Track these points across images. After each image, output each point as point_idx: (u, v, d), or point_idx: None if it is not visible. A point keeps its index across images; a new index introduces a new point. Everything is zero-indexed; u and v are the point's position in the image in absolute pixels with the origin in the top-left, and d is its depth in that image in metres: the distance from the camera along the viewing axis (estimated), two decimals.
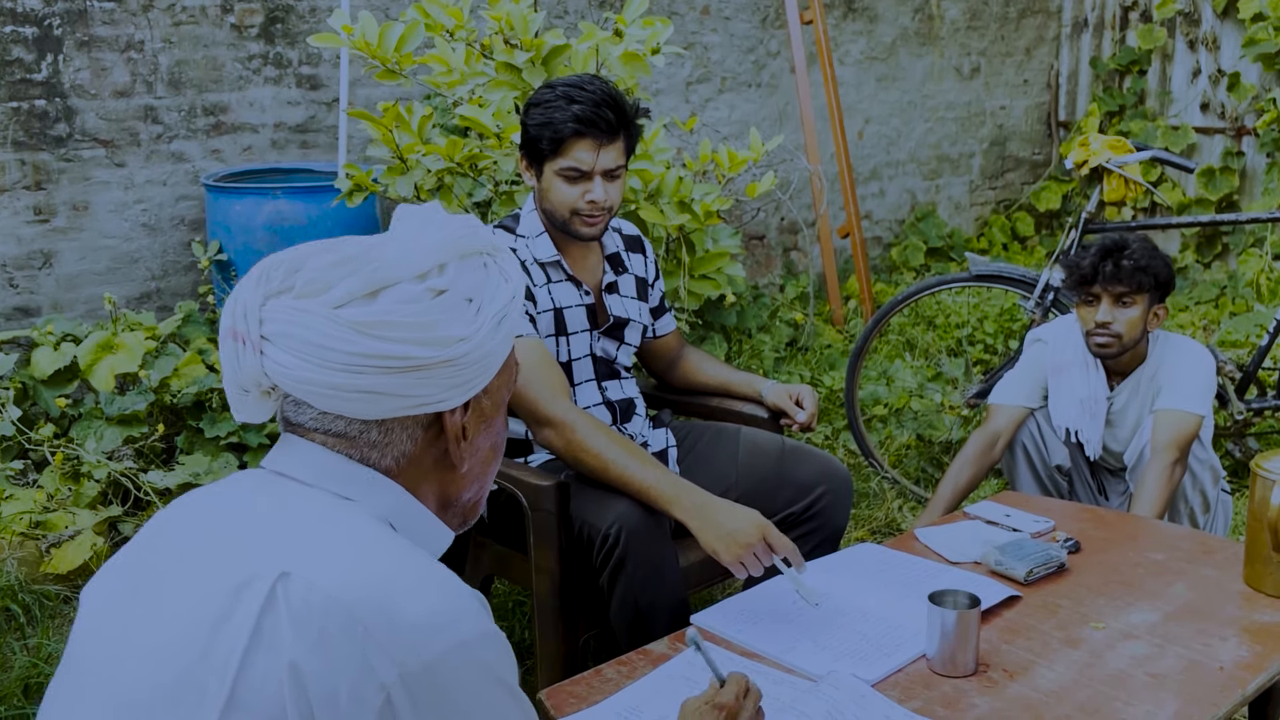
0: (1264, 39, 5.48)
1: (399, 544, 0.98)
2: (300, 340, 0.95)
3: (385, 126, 2.91)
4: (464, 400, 1.02)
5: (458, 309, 0.99)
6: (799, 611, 1.80)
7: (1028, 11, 6.41)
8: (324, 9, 4.27)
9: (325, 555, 0.94)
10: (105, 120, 3.96)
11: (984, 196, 6.53)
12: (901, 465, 3.69)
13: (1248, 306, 5.20)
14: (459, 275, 1.01)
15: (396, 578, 0.93)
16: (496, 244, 1.06)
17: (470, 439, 1.06)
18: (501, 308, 1.03)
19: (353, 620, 0.89)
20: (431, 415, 1.02)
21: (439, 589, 0.95)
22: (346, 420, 1.00)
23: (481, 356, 1.01)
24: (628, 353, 2.32)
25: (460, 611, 0.94)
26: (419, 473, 1.04)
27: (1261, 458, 1.87)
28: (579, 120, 2.05)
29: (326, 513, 0.98)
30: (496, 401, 1.09)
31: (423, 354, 0.97)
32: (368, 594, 0.91)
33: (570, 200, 2.10)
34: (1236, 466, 3.50)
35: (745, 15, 5.39)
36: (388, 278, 0.97)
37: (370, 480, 1.01)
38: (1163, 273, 2.54)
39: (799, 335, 4.85)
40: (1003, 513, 2.20)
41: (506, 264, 1.07)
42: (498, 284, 1.04)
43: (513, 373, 1.12)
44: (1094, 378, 2.63)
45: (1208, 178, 5.78)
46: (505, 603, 2.73)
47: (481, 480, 1.11)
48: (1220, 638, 1.73)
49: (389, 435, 1.01)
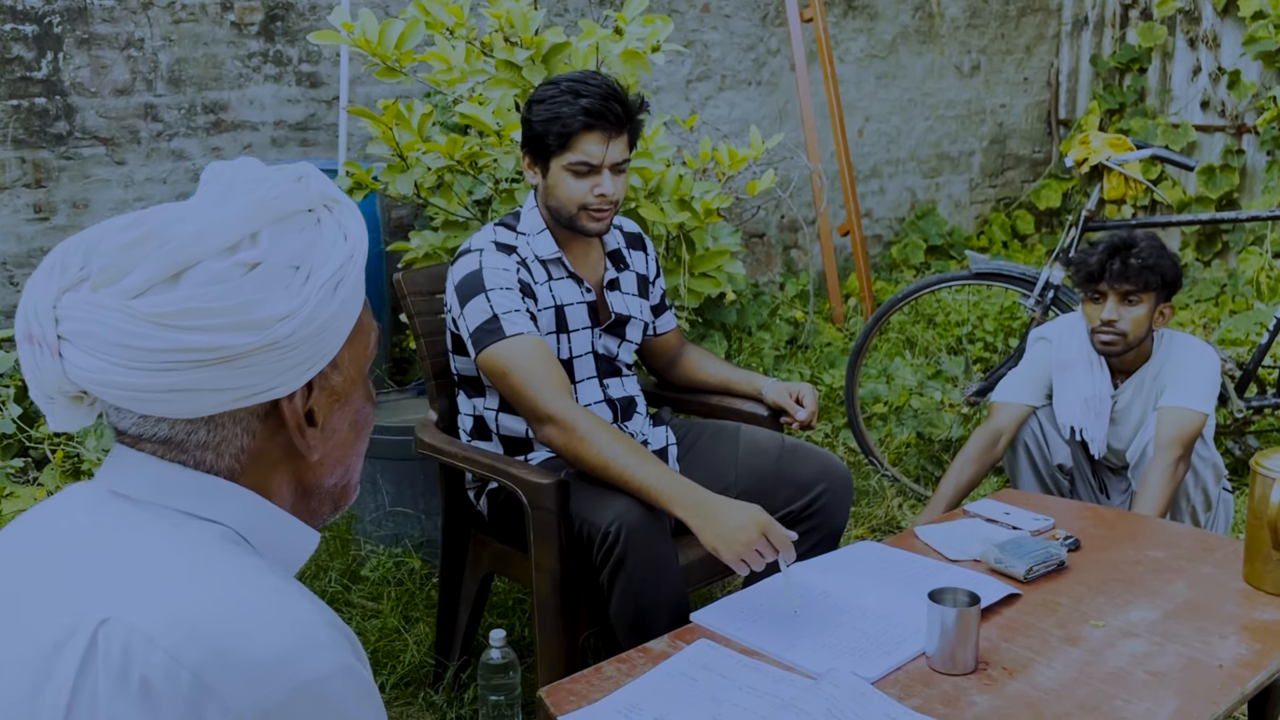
0: (1264, 37, 5.47)
1: (241, 567, 0.85)
2: (98, 340, 0.83)
3: (385, 124, 2.91)
4: (302, 383, 0.90)
5: (278, 281, 0.86)
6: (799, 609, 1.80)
7: (1028, 9, 6.41)
8: (324, 7, 4.27)
9: (151, 591, 0.82)
10: (105, 118, 3.96)
11: (984, 194, 6.52)
12: (901, 463, 3.69)
13: (1248, 304, 5.20)
14: (276, 242, 0.86)
15: (232, 611, 0.81)
16: (332, 194, 0.93)
17: (322, 423, 0.93)
18: (336, 270, 0.89)
19: (177, 666, 0.78)
20: (268, 404, 0.89)
21: (283, 619, 0.82)
22: (170, 423, 0.87)
23: (316, 331, 0.88)
24: (629, 350, 2.32)
25: (308, 644, 0.81)
26: (266, 467, 0.92)
27: (1261, 455, 1.87)
28: (588, 113, 2.05)
29: (159, 537, 0.86)
30: (351, 376, 0.96)
31: (238, 341, 0.84)
32: (196, 633, 0.79)
33: (579, 195, 2.10)
34: (1236, 464, 3.50)
35: (745, 13, 5.38)
36: (187, 257, 0.83)
37: (210, 489, 0.89)
38: (1170, 272, 2.54)
39: (799, 333, 4.85)
40: (1002, 510, 2.20)
41: (346, 217, 0.93)
42: (332, 242, 0.90)
43: (369, 339, 0.97)
44: (1099, 376, 2.63)
45: (1208, 176, 5.78)
46: (505, 600, 2.74)
47: (346, 462, 0.98)
48: (1220, 636, 1.73)
49: (220, 432, 0.89)
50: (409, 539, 2.90)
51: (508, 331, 2.04)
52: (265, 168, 0.90)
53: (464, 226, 3.11)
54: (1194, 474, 2.54)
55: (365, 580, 2.83)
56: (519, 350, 2.03)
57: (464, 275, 2.12)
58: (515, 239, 2.18)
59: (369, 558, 2.88)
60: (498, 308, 2.06)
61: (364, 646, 2.54)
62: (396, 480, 2.90)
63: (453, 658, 2.40)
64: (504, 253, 2.14)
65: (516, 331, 2.05)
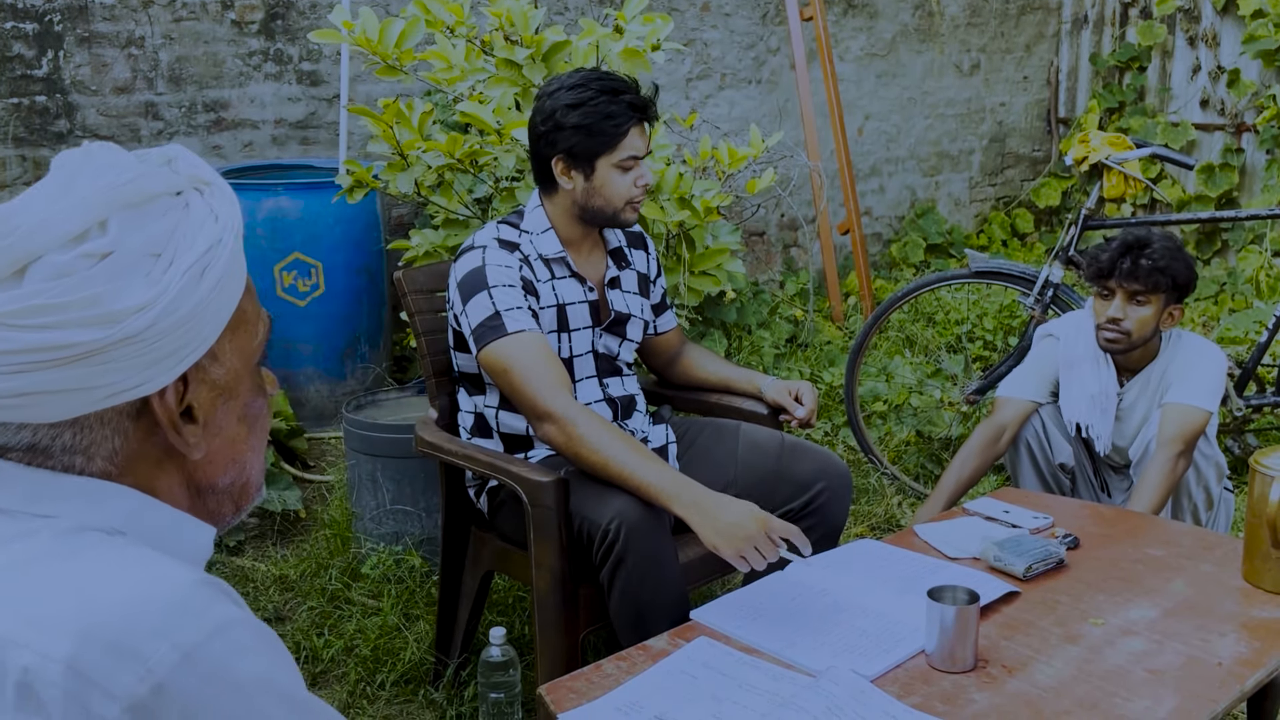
0: (1264, 35, 5.47)
1: (100, 551, 0.80)
2: None
3: (386, 123, 2.91)
4: (173, 378, 0.83)
5: (135, 270, 0.80)
6: (798, 607, 1.80)
7: (1028, 8, 6.41)
8: (324, 5, 4.27)
9: (17, 599, 0.77)
10: (106, 116, 3.96)
11: (984, 193, 6.53)
12: (901, 461, 3.70)
13: (1247, 303, 5.21)
14: (129, 228, 0.80)
15: (95, 595, 0.76)
16: (204, 176, 0.87)
17: (203, 419, 0.87)
18: (202, 255, 0.83)
19: (47, 661, 0.73)
20: (138, 402, 0.83)
21: (149, 592, 0.77)
22: (32, 429, 0.81)
23: (180, 321, 0.81)
24: (629, 349, 2.32)
25: (180, 611, 0.76)
26: (147, 467, 0.86)
27: (1260, 454, 1.87)
28: (634, 108, 2.10)
29: (28, 545, 0.80)
30: (236, 368, 0.89)
31: (90, 337, 0.78)
32: (60, 625, 0.74)
33: (625, 190, 2.14)
34: (1236, 463, 3.50)
35: (745, 12, 5.38)
36: (29, 249, 0.78)
37: (84, 492, 0.83)
38: (1182, 274, 2.52)
39: (799, 332, 4.85)
40: (1001, 509, 2.20)
41: (218, 199, 0.87)
42: (200, 226, 0.84)
43: (256, 328, 0.91)
44: (1105, 373, 2.63)
45: (1207, 174, 5.78)
46: (506, 598, 2.74)
47: (240, 459, 0.92)
48: (1219, 634, 1.73)
49: (88, 435, 0.83)
50: (409, 537, 2.90)
51: (509, 328, 2.05)
52: (120, 152, 0.85)
53: (464, 225, 3.11)
54: (1196, 472, 2.54)
55: (365, 578, 2.84)
56: (520, 347, 2.04)
57: (467, 272, 2.12)
58: (518, 236, 2.19)
59: (369, 555, 2.88)
60: (500, 304, 2.07)
61: (364, 644, 2.55)
62: (397, 478, 2.90)
63: (453, 655, 2.41)
64: (507, 250, 2.14)
65: (518, 328, 2.05)
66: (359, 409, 3.05)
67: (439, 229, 3.15)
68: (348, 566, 2.91)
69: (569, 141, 2.10)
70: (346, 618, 2.70)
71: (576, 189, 2.14)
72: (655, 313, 2.42)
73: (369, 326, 3.99)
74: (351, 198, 3.12)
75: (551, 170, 2.14)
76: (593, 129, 2.08)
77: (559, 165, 2.13)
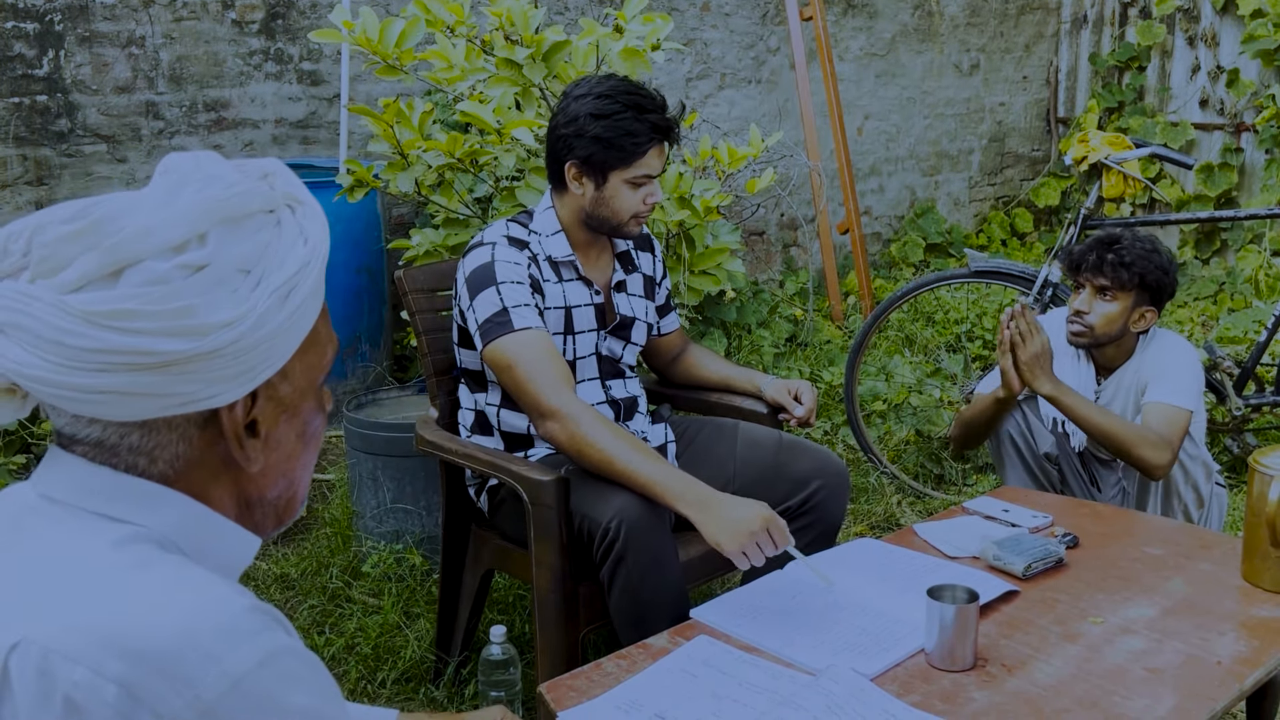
0: (1263, 35, 5.48)
1: (159, 569, 0.81)
2: (32, 334, 0.78)
3: (386, 122, 2.92)
4: (245, 393, 0.85)
5: (224, 286, 0.81)
6: (798, 605, 1.81)
7: (1027, 8, 6.41)
8: (325, 5, 4.27)
9: (65, 606, 0.78)
10: (106, 116, 3.97)
11: (983, 193, 6.53)
12: (900, 460, 3.70)
13: (1246, 303, 5.21)
14: (225, 244, 0.82)
15: (151, 615, 0.77)
16: (297, 194, 0.88)
17: (265, 434, 0.89)
18: (291, 276, 0.84)
19: (100, 680, 0.74)
20: (206, 412, 0.85)
21: (204, 616, 0.78)
22: (102, 425, 0.83)
23: (262, 340, 0.83)
24: (633, 351, 2.33)
25: (233, 637, 0.78)
26: (204, 475, 0.88)
27: (1259, 453, 1.88)
28: (656, 129, 2.10)
29: (78, 545, 0.82)
30: (301, 387, 0.90)
31: (174, 347, 0.79)
32: (116, 643, 0.75)
33: (633, 205, 2.14)
34: (1235, 462, 3.51)
35: (745, 11, 5.39)
36: (130, 254, 0.79)
37: (141, 495, 0.85)
38: (1151, 275, 2.52)
39: (799, 331, 4.86)
40: (1001, 508, 2.21)
41: (309, 219, 0.88)
42: (290, 246, 0.85)
43: (325, 350, 0.92)
44: (1083, 369, 2.65)
45: (1207, 174, 5.78)
46: (506, 596, 2.74)
47: (291, 475, 0.94)
48: (1218, 632, 1.74)
49: (155, 438, 0.84)
50: (410, 535, 2.91)
51: (516, 325, 2.06)
52: (225, 164, 0.87)
53: (465, 224, 3.12)
54: (1184, 471, 2.54)
55: (366, 576, 2.84)
56: (526, 344, 2.04)
57: (475, 267, 2.12)
58: (528, 235, 2.20)
59: (370, 554, 2.89)
60: (508, 300, 2.08)
61: (365, 643, 2.56)
62: (397, 477, 2.90)
63: (453, 654, 2.41)
64: (516, 247, 2.15)
65: (525, 325, 2.06)
66: (359, 408, 3.05)
67: (439, 228, 3.16)
68: (348, 565, 2.91)
69: (587, 150, 2.09)
70: (347, 616, 2.70)
71: (586, 195, 2.15)
72: (659, 314, 2.43)
73: (369, 325, 3.99)
74: (352, 197, 3.12)
75: (564, 172, 2.14)
76: (612, 143, 2.07)
77: (572, 170, 2.13)
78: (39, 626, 0.77)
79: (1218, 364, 3.45)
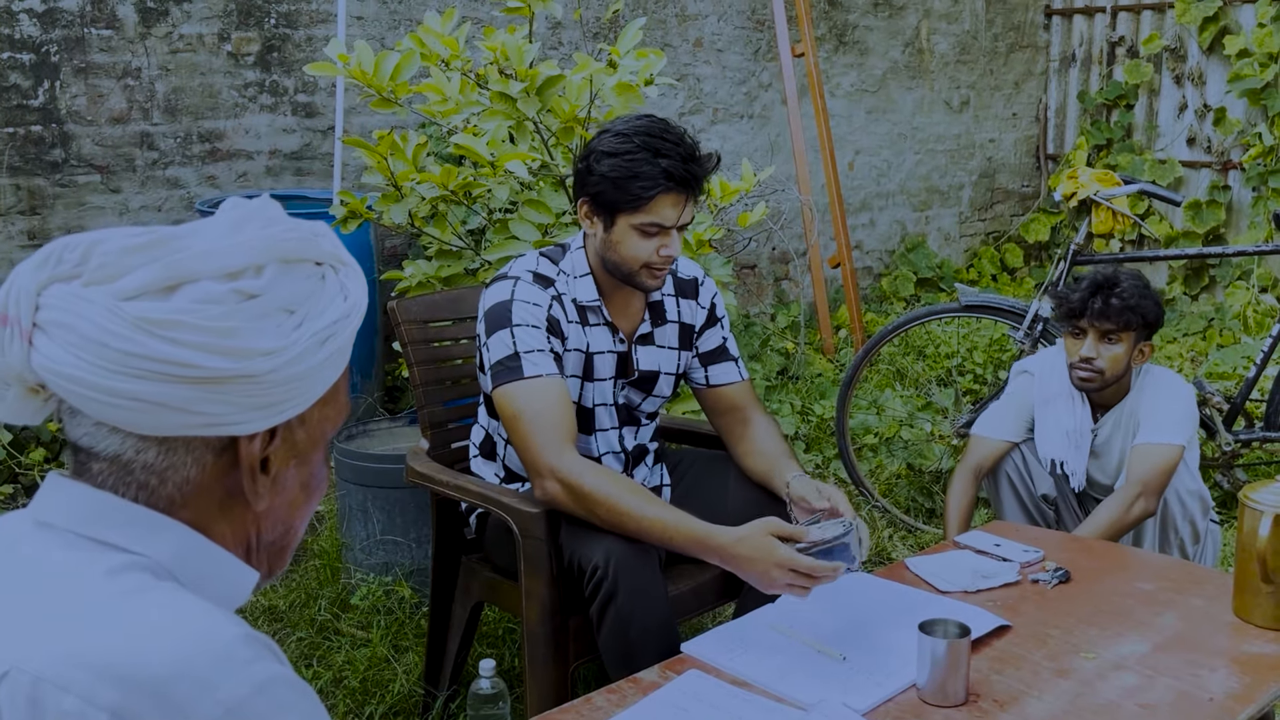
0: (1249, 74, 5.55)
1: (153, 596, 0.82)
2: (76, 334, 0.81)
3: (380, 154, 2.93)
4: (268, 426, 0.88)
5: (269, 319, 0.85)
6: (789, 639, 1.80)
7: (1016, 46, 6.49)
8: (320, 38, 4.31)
9: (56, 634, 0.79)
10: (101, 146, 3.98)
11: (973, 228, 6.58)
12: (892, 494, 3.70)
13: (1235, 338, 5.24)
14: (279, 281, 0.86)
15: (144, 643, 0.78)
16: (342, 257, 0.93)
17: (274, 473, 0.91)
18: (329, 325, 0.89)
19: (91, 708, 0.75)
20: (225, 439, 0.87)
21: (198, 644, 0.79)
22: (122, 436, 0.85)
23: (294, 377, 0.87)
24: (655, 403, 2.25)
25: (227, 664, 0.79)
26: (210, 505, 0.89)
27: (1250, 488, 1.88)
28: (669, 177, 1.95)
29: (75, 573, 0.83)
30: (315, 437, 0.94)
31: (214, 364, 0.82)
32: (108, 670, 0.76)
33: (644, 254, 2.01)
34: (1225, 498, 3.51)
35: (737, 48, 5.44)
36: (189, 271, 0.83)
37: (141, 521, 0.86)
38: (1151, 312, 2.55)
39: (790, 364, 4.87)
40: (993, 542, 2.21)
41: (350, 279, 0.93)
42: (332, 298, 0.90)
43: (341, 410, 0.96)
44: (1079, 410, 2.65)
45: (1194, 211, 5.83)
46: (496, 630, 2.72)
47: (288, 523, 0.96)
48: (1210, 669, 1.73)
49: (170, 457, 0.86)
50: (399, 567, 2.89)
51: (526, 372, 1.99)
52: (284, 212, 0.91)
53: (457, 255, 3.12)
54: (1181, 506, 2.55)
55: (355, 609, 2.82)
56: (533, 393, 1.98)
57: (494, 304, 2.06)
58: (556, 273, 2.12)
59: (359, 586, 2.87)
60: (520, 345, 2.01)
61: (353, 676, 2.53)
62: (387, 509, 2.89)
63: (442, 688, 2.39)
64: (540, 285, 2.08)
65: (535, 373, 1.99)
66: (350, 439, 3.04)
67: (432, 259, 3.16)
68: (337, 597, 2.89)
69: (595, 188, 2.00)
70: (335, 649, 2.68)
71: (597, 236, 2.06)
72: (704, 362, 2.26)
73: (361, 356, 3.99)
74: (345, 228, 3.13)
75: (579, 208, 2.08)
76: (618, 183, 1.96)
77: (583, 208, 2.05)
78: (30, 655, 0.78)
79: (1208, 399, 3.46)
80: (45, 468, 3.31)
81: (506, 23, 3.15)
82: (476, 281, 3.01)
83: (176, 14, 4.04)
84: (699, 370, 2.27)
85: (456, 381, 2.45)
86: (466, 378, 2.46)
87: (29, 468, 3.30)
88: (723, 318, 2.28)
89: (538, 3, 3.05)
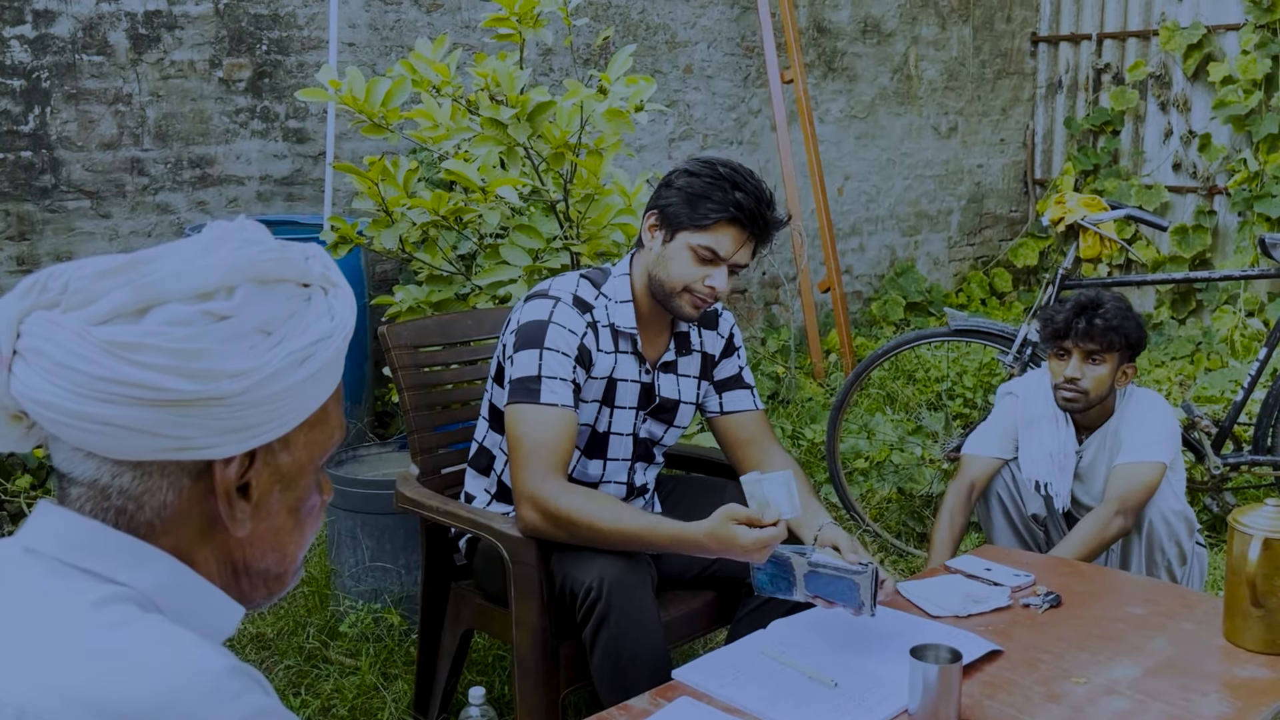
0: (1233, 101, 5.61)
1: (141, 628, 0.81)
2: (49, 359, 0.81)
3: (371, 180, 2.94)
4: (243, 449, 0.86)
5: (242, 340, 0.84)
6: (781, 666, 1.79)
7: (1003, 73, 6.55)
8: (312, 64, 4.32)
9: (37, 666, 0.78)
10: (91, 172, 3.98)
11: (962, 253, 6.61)
12: (883, 518, 3.70)
13: (1222, 362, 5.26)
14: (251, 302, 0.84)
15: (126, 676, 0.77)
16: (333, 279, 0.91)
17: (256, 498, 0.89)
18: (307, 345, 0.86)
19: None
20: (201, 463, 0.86)
21: (183, 677, 0.78)
22: (97, 461, 0.84)
23: (269, 398, 0.85)
24: (674, 435, 2.27)
25: (211, 698, 0.78)
26: (189, 532, 0.88)
27: (1239, 512, 1.89)
28: (739, 208, 2.01)
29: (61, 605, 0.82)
30: (302, 461, 0.91)
31: (178, 386, 0.81)
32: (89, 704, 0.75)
33: (690, 277, 2.04)
34: (1215, 521, 3.52)
35: (727, 74, 5.48)
36: (159, 294, 0.82)
37: (127, 551, 0.85)
38: (1134, 333, 2.59)
39: (780, 388, 4.87)
40: (983, 566, 2.20)
41: (339, 301, 0.91)
42: (315, 319, 0.88)
43: (333, 433, 0.94)
44: (1064, 432, 2.67)
45: (1181, 235, 5.88)
46: (485, 657, 2.71)
47: (282, 549, 0.93)
48: (1201, 693, 1.73)
49: (146, 481, 0.85)
50: (388, 594, 2.87)
51: (543, 399, 2.01)
52: (267, 234, 0.90)
53: (448, 281, 3.13)
54: (1167, 527, 2.55)
55: (344, 636, 2.80)
56: (542, 420, 2.00)
57: (530, 321, 2.07)
58: (596, 298, 2.13)
59: (347, 613, 2.85)
60: (545, 370, 2.02)
61: (341, 704, 2.51)
62: (376, 535, 2.88)
63: (431, 716, 2.37)
64: (579, 309, 2.09)
65: (550, 402, 2.01)
66: (339, 464, 3.03)
67: (423, 285, 3.16)
68: (325, 624, 2.87)
69: (667, 200, 2.06)
70: (324, 677, 2.66)
71: (654, 249, 2.09)
72: (719, 389, 2.29)
73: (351, 381, 3.98)
74: (336, 254, 3.13)
75: (646, 220, 2.11)
76: (690, 200, 2.02)
77: (651, 217, 2.09)
78: (14, 687, 0.77)
79: (1196, 423, 3.47)
80: (31, 495, 3.28)
81: (498, 49, 3.17)
82: (467, 306, 3.02)
83: (168, 40, 4.05)
84: (713, 397, 2.28)
85: (447, 407, 2.45)
86: (457, 403, 2.46)
87: (14, 495, 3.28)
88: (740, 348, 2.32)
89: (529, 29, 3.07)
